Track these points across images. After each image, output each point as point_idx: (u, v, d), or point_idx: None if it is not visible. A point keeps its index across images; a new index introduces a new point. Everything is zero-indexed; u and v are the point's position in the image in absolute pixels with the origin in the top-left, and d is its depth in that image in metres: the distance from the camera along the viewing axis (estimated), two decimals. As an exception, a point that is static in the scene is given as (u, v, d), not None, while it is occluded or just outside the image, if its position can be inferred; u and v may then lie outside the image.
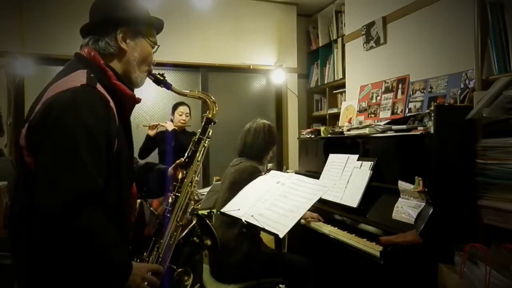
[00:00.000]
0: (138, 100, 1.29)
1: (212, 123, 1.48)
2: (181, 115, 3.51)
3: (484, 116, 1.68)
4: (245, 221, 1.81)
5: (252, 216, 1.80)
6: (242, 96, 4.62)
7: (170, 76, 4.23)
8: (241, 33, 4.44)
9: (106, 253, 1.06)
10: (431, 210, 1.82)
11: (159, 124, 3.50)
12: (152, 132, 3.48)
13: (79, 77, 1.11)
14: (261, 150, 2.39)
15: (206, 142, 1.46)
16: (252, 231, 1.95)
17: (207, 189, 3.29)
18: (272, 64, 4.55)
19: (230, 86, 4.56)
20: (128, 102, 1.26)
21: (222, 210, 1.99)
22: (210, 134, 1.47)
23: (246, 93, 4.66)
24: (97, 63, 1.19)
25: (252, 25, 4.49)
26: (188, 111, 3.55)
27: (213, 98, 1.51)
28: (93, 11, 1.27)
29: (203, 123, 1.48)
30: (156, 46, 1.34)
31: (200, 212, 3.19)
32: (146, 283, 1.15)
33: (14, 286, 1.12)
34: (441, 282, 1.63)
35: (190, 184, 1.39)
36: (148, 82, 1.38)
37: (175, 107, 3.56)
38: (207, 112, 1.49)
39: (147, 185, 1.48)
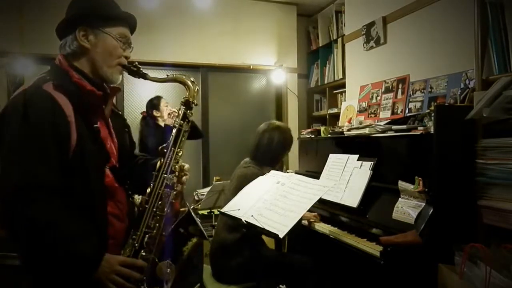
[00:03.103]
0: (98, 94, 1.28)
1: (193, 105, 1.39)
2: (167, 106, 3.41)
3: (484, 116, 1.68)
4: (245, 221, 1.81)
5: (252, 216, 1.80)
6: (242, 96, 4.62)
7: (170, 76, 4.25)
8: (241, 33, 4.44)
9: (63, 244, 1.10)
10: (431, 210, 1.82)
11: (173, 113, 3.29)
12: (170, 121, 3.26)
13: (31, 82, 1.21)
14: (276, 156, 2.37)
15: (186, 126, 1.37)
16: (252, 231, 1.95)
17: (207, 189, 3.29)
18: (272, 64, 4.55)
19: (230, 86, 4.56)
20: (90, 98, 1.26)
21: (222, 210, 1.98)
22: (190, 118, 1.38)
23: (246, 93, 4.66)
24: (60, 66, 1.26)
25: (252, 25, 4.49)
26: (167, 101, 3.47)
27: (192, 79, 1.42)
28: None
29: (182, 107, 1.38)
30: (125, 39, 1.32)
31: (200, 212, 3.20)
32: (118, 276, 1.15)
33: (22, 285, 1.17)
34: (441, 282, 1.63)
35: (165, 172, 1.32)
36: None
37: (157, 103, 3.40)
38: (187, 93, 1.39)
39: (146, 181, 1.41)
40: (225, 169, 2.49)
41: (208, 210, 3.14)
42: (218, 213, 2.19)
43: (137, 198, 1.47)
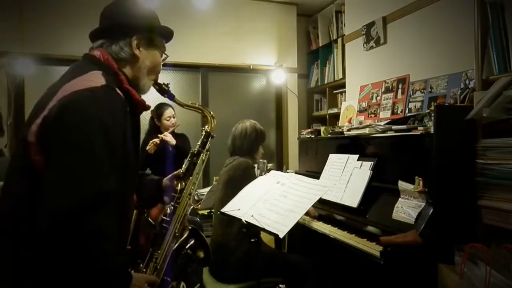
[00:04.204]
0: (147, 107, 1.29)
1: (211, 137, 1.50)
2: (169, 120, 3.32)
3: (484, 116, 1.68)
4: (245, 221, 1.81)
5: (252, 216, 1.80)
6: (242, 96, 4.62)
7: (170, 76, 4.25)
8: (241, 33, 4.44)
9: (112, 258, 1.04)
10: (431, 210, 1.82)
11: (160, 140, 3.24)
12: (153, 150, 3.20)
13: (97, 78, 1.11)
14: (251, 147, 2.43)
15: (205, 155, 1.48)
16: (252, 231, 1.95)
17: (207, 189, 3.29)
18: (272, 64, 4.55)
19: (230, 86, 4.56)
20: (138, 108, 1.27)
21: (223, 210, 1.99)
22: (208, 147, 1.50)
23: (246, 93, 4.66)
24: (111, 67, 1.20)
25: (252, 25, 4.49)
26: (174, 113, 3.37)
27: (212, 113, 1.54)
28: (106, 15, 1.27)
29: (202, 137, 1.50)
30: (165, 56, 1.36)
31: (200, 212, 3.20)
32: None
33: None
34: (441, 282, 1.63)
35: (188, 196, 1.40)
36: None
37: (160, 113, 3.33)
38: (206, 126, 1.52)
39: (140, 195, 1.45)
40: (224, 169, 2.51)
41: (208, 210, 3.14)
42: (218, 213, 2.19)
43: None
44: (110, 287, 1.05)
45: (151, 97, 3.92)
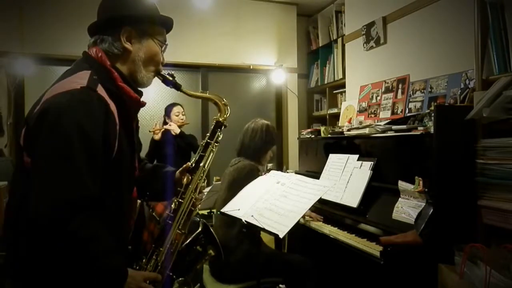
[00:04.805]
0: (142, 104, 1.27)
1: (223, 127, 1.43)
2: (178, 115, 3.51)
3: (484, 116, 1.67)
4: (245, 221, 1.81)
5: (252, 216, 1.80)
6: (242, 96, 4.62)
7: (170, 76, 4.26)
8: (241, 33, 4.44)
9: (98, 259, 1.04)
10: (431, 210, 1.82)
11: (163, 128, 3.46)
12: (158, 137, 3.43)
13: (81, 79, 1.10)
14: (258, 150, 2.38)
15: (214, 147, 1.41)
16: (252, 231, 1.95)
17: (207, 189, 3.29)
18: (272, 64, 4.55)
19: (230, 86, 4.56)
20: (133, 106, 1.24)
21: (222, 210, 1.99)
22: (219, 138, 1.42)
23: (246, 93, 4.66)
24: (103, 64, 1.17)
25: (252, 25, 4.49)
26: (183, 110, 3.55)
27: (225, 101, 1.46)
28: (99, 9, 1.25)
29: (212, 127, 1.43)
30: (165, 45, 1.30)
31: (200, 212, 3.19)
32: None
33: (6, 285, 1.10)
34: (441, 282, 1.63)
35: (194, 190, 1.34)
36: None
37: (169, 109, 3.53)
38: (218, 115, 1.44)
39: (153, 188, 1.44)
40: (225, 169, 2.50)
41: (208, 210, 3.14)
42: (218, 213, 2.19)
43: None
44: (99, 286, 1.06)
45: (153, 97, 3.94)
